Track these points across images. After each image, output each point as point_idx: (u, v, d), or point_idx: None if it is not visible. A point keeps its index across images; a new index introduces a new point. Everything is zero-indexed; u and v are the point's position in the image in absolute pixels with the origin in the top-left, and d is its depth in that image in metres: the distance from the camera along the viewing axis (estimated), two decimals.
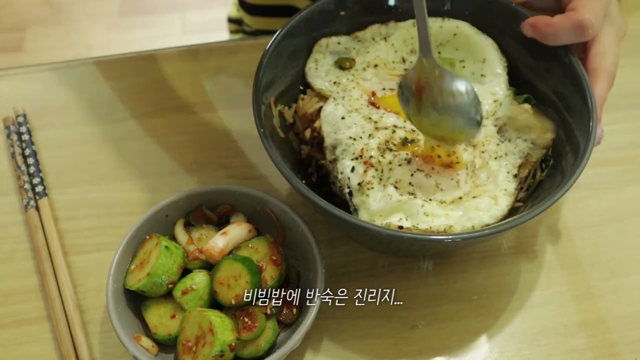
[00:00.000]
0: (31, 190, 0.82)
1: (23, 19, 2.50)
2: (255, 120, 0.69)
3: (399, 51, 0.81)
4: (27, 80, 0.95)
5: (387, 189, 0.68)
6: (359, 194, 0.68)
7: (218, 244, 0.69)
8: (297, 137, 0.77)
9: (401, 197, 0.68)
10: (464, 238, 0.63)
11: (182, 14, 2.53)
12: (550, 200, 0.63)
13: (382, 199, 0.68)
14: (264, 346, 0.65)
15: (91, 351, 0.70)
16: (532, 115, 0.74)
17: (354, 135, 0.71)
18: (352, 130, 0.72)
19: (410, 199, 0.68)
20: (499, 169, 0.72)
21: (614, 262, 0.77)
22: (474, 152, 0.72)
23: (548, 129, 0.72)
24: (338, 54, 0.80)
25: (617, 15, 0.74)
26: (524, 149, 0.73)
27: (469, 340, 0.72)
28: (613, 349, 0.71)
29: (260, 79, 0.71)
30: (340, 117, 0.73)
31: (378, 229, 0.62)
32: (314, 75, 0.78)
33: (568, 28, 0.70)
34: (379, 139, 0.71)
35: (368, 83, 0.78)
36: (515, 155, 0.73)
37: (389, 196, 0.68)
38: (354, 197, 0.69)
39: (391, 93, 0.77)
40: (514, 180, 0.71)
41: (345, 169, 0.70)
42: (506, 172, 0.71)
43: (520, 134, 0.73)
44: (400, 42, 0.81)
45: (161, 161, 0.86)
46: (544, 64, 0.75)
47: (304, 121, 0.76)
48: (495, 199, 0.69)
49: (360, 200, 0.68)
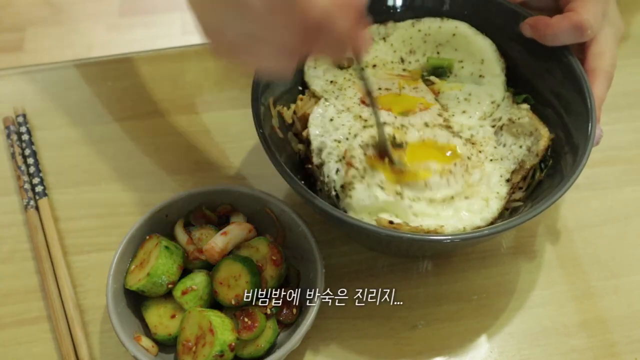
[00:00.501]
0: (31, 190, 0.82)
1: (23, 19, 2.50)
2: (255, 121, 0.69)
3: (397, 51, 0.81)
4: (27, 80, 0.95)
5: (372, 190, 0.67)
6: (344, 196, 0.67)
7: (218, 244, 0.69)
8: (295, 137, 0.77)
9: (387, 197, 0.67)
10: (464, 238, 0.63)
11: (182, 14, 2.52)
12: (550, 201, 0.63)
13: (367, 199, 0.67)
14: (264, 346, 0.65)
15: (91, 351, 0.70)
16: (530, 117, 0.74)
17: (340, 137, 0.71)
18: (339, 131, 0.71)
19: (398, 200, 0.67)
20: (493, 172, 0.72)
21: (614, 262, 0.77)
22: (471, 149, 0.72)
23: (543, 135, 0.72)
24: None
25: (616, 16, 0.74)
26: (518, 155, 0.73)
27: (469, 340, 0.72)
28: (613, 349, 0.71)
29: (259, 80, 0.71)
30: (329, 118, 0.73)
31: (377, 229, 0.62)
32: (312, 75, 0.78)
33: (567, 28, 0.70)
34: (362, 137, 0.70)
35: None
36: (510, 161, 0.73)
37: (375, 197, 0.66)
38: (341, 200, 0.68)
39: (386, 93, 0.77)
40: (506, 184, 0.71)
41: (330, 172, 0.69)
42: (499, 175, 0.72)
43: (516, 140, 0.73)
44: (399, 42, 0.81)
45: (161, 161, 0.86)
46: (543, 64, 0.75)
47: (302, 121, 0.76)
48: (487, 200, 0.69)
49: (346, 203, 0.67)
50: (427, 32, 0.80)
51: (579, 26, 0.69)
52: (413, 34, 0.81)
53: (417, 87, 0.78)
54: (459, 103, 0.77)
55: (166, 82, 0.94)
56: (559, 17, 0.71)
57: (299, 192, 0.64)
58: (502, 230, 0.63)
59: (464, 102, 0.77)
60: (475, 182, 0.71)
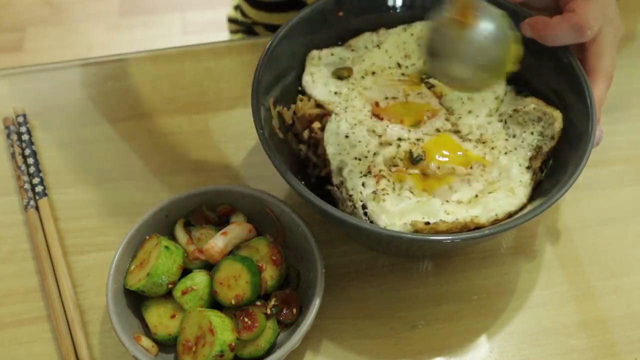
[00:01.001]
0: (31, 190, 0.82)
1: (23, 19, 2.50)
2: (255, 122, 0.69)
3: (393, 57, 0.81)
4: (27, 80, 0.95)
5: (403, 193, 0.68)
6: (375, 202, 0.68)
7: (218, 244, 0.69)
8: (295, 138, 0.77)
9: (420, 198, 0.68)
10: (464, 239, 0.63)
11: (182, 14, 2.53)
12: (550, 201, 0.63)
13: (400, 202, 0.68)
14: (264, 346, 0.65)
15: (91, 351, 0.70)
16: (536, 104, 0.74)
17: (359, 155, 0.71)
18: (357, 149, 0.72)
19: (429, 199, 0.68)
20: (511, 164, 0.72)
21: (614, 262, 0.77)
22: (483, 149, 0.73)
23: (556, 118, 0.72)
24: (334, 65, 0.80)
25: (616, 17, 0.74)
26: (532, 142, 0.73)
27: (469, 340, 0.72)
28: (613, 349, 0.71)
29: (260, 80, 0.71)
30: (344, 135, 0.73)
31: (377, 230, 0.62)
32: (313, 87, 0.78)
33: (566, 29, 0.70)
34: (384, 157, 0.71)
35: (369, 92, 0.78)
36: (525, 149, 0.73)
37: (407, 198, 0.68)
38: (369, 207, 0.68)
39: (394, 102, 0.77)
40: (527, 171, 0.72)
41: (355, 187, 0.69)
42: (518, 165, 0.72)
43: (524, 128, 0.74)
44: (394, 47, 0.81)
45: (161, 161, 0.86)
46: (543, 64, 0.75)
47: (302, 122, 0.76)
48: (512, 190, 0.70)
49: (378, 207, 0.67)
50: (419, 35, 0.80)
51: (578, 27, 0.69)
52: (406, 38, 0.81)
53: (421, 92, 0.78)
54: (464, 104, 0.77)
55: (166, 82, 0.94)
56: (559, 18, 0.71)
57: (299, 192, 0.64)
58: (502, 230, 0.63)
59: (468, 102, 0.77)
60: (495, 178, 0.71)
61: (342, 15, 0.80)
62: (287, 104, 0.77)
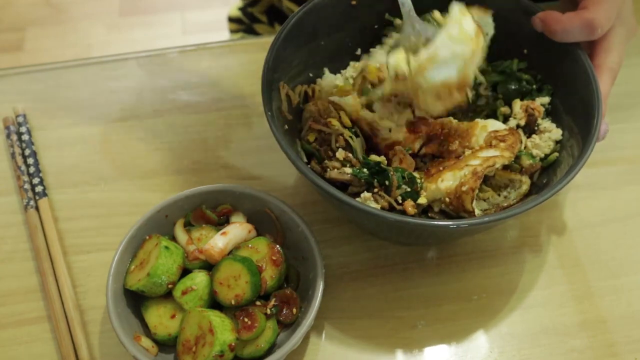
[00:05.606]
0: (31, 190, 0.82)
1: (23, 19, 2.50)
2: (264, 102, 0.68)
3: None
4: (27, 80, 0.95)
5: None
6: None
7: (218, 244, 0.69)
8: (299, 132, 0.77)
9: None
10: (471, 224, 0.63)
11: (182, 14, 2.52)
12: (553, 190, 0.63)
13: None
14: (264, 346, 0.65)
15: (91, 351, 0.70)
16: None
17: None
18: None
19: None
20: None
21: (614, 262, 0.77)
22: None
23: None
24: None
25: (630, 16, 0.74)
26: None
27: (469, 340, 0.72)
28: (613, 349, 0.71)
29: (271, 60, 0.71)
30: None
31: (381, 214, 0.62)
32: None
33: (577, 26, 0.70)
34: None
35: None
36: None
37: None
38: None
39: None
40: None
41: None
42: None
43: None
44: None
45: (161, 161, 0.86)
46: (553, 57, 0.75)
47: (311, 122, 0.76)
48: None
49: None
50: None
51: (589, 25, 0.69)
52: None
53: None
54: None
55: (166, 82, 0.94)
56: (571, 15, 0.71)
57: (305, 174, 0.64)
58: (504, 218, 0.63)
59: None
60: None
61: (355, 4, 0.80)
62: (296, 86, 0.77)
